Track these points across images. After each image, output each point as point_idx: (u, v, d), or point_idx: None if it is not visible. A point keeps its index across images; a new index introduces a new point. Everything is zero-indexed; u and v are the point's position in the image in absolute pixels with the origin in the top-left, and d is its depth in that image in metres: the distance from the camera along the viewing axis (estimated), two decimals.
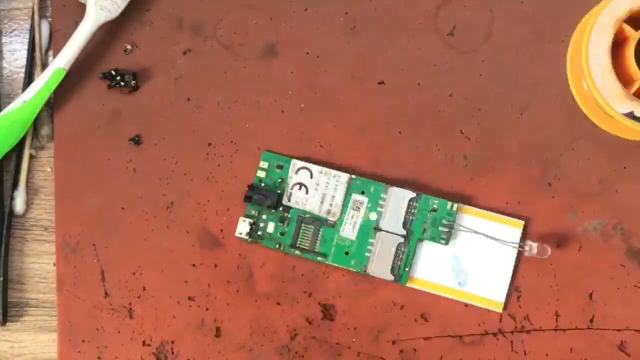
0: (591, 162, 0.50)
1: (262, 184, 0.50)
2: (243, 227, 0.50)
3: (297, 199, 0.49)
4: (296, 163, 0.50)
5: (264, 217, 0.50)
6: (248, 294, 0.50)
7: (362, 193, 0.50)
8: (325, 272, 0.50)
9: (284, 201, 0.50)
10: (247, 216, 0.50)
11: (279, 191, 0.50)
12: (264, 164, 0.50)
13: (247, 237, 0.50)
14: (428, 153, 0.51)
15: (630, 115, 0.46)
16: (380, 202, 0.49)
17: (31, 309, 0.52)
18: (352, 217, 0.49)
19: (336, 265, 0.50)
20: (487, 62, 0.51)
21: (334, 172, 0.50)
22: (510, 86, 0.51)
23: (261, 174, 0.50)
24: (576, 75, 0.49)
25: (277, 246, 0.50)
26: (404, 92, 0.51)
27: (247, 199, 0.50)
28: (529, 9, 0.51)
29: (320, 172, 0.50)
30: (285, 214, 0.50)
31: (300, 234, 0.50)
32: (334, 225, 0.50)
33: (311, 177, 0.49)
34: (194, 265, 0.51)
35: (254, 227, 0.50)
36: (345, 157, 0.51)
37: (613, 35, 0.46)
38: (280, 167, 0.50)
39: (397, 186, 0.50)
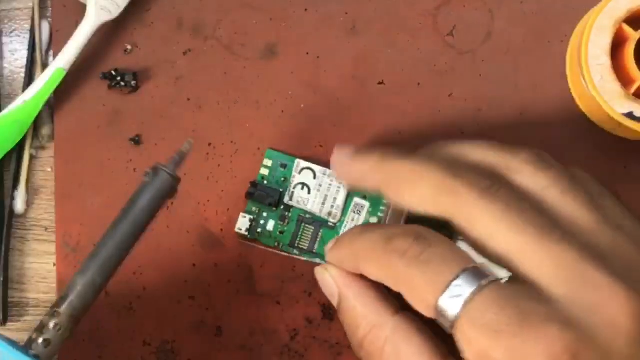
0: (591, 162, 0.50)
1: (265, 182, 0.50)
2: (243, 223, 0.49)
3: (299, 199, 0.49)
4: (300, 163, 0.50)
5: (264, 214, 0.50)
6: (248, 293, 0.50)
7: (364, 197, 0.49)
8: None
9: (286, 200, 0.50)
10: (247, 212, 0.50)
11: (281, 190, 0.50)
12: (267, 162, 0.50)
13: (246, 233, 0.49)
14: None
15: (630, 116, 0.46)
16: (382, 207, 0.49)
17: (31, 308, 0.52)
18: (353, 220, 0.49)
19: None
20: (487, 62, 0.51)
21: None
22: (510, 86, 0.51)
23: (264, 171, 0.50)
24: (576, 75, 0.49)
25: (275, 244, 0.50)
26: (404, 92, 0.51)
27: (249, 195, 0.50)
28: (529, 9, 0.51)
29: (324, 174, 0.49)
30: (286, 213, 0.50)
31: (300, 233, 0.50)
32: (334, 228, 0.50)
33: (314, 177, 0.49)
34: (194, 265, 0.51)
35: (253, 224, 0.50)
36: None
37: (613, 35, 0.46)
38: (284, 166, 0.50)
39: None
